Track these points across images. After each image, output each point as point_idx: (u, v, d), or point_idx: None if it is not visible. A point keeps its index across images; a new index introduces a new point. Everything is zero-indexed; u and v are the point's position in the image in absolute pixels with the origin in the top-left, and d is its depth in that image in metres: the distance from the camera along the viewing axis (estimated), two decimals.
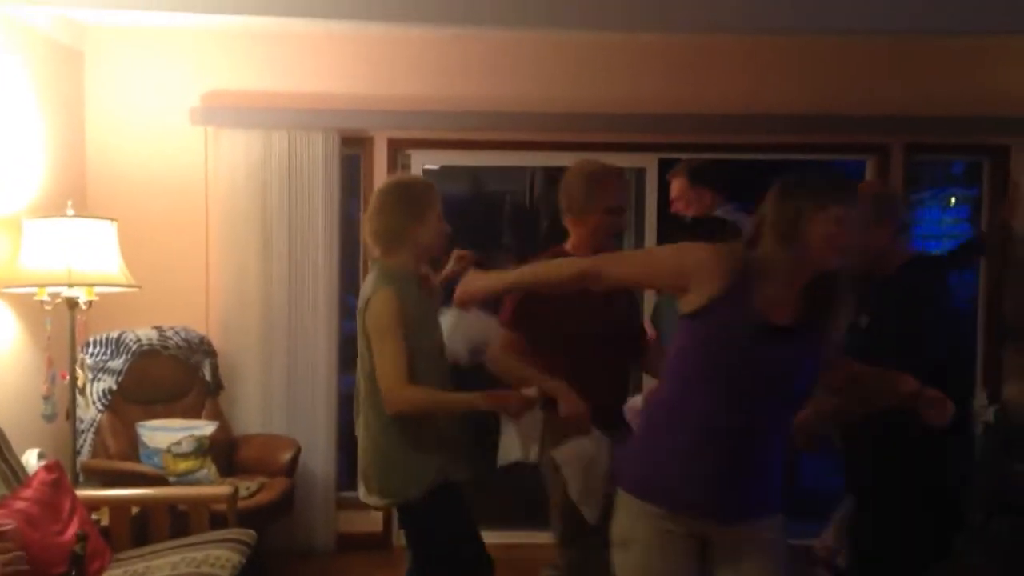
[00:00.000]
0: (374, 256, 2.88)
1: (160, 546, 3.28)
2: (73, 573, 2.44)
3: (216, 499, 3.50)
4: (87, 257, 3.63)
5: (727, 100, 4.71)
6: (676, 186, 4.03)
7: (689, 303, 2.17)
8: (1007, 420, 4.49)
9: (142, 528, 3.42)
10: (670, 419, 2.22)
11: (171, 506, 3.47)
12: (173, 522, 3.43)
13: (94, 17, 4.43)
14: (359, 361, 2.83)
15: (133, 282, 3.78)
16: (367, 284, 2.80)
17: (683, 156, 4.94)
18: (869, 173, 4.94)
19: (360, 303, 2.79)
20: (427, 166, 4.87)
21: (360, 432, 2.89)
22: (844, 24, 4.19)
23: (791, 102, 4.69)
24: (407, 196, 2.81)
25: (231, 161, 4.60)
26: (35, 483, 2.98)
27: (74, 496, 3.12)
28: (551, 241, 3.17)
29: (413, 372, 2.69)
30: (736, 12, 4.17)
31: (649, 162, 4.85)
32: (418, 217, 2.78)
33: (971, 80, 4.73)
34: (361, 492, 2.90)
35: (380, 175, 4.74)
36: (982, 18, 4.09)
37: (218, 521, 3.46)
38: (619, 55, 4.70)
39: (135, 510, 3.44)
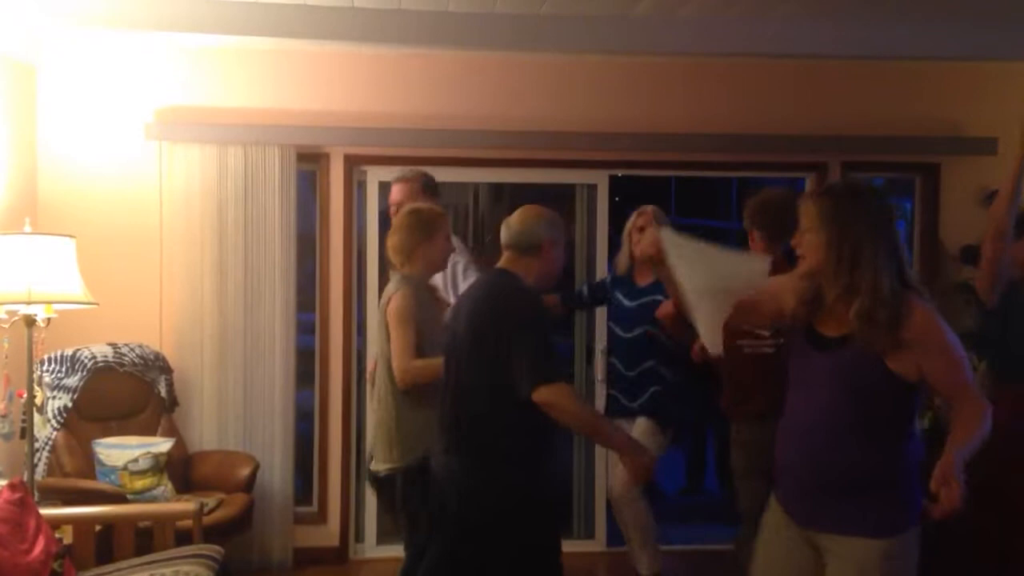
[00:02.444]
0: (394, 268, 3.42)
1: (126, 563, 3.25)
2: None
3: (182, 515, 3.49)
4: (46, 274, 3.57)
5: (674, 120, 4.87)
6: (404, 190, 3.93)
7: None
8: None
9: (104, 546, 3.39)
10: None
11: (133, 523, 3.45)
12: (135, 539, 3.41)
13: (47, 32, 4.38)
14: (380, 348, 3.37)
15: (93, 299, 3.74)
16: (389, 286, 3.38)
17: (632, 173, 5.14)
18: (809, 189, 5.15)
19: (383, 301, 3.36)
20: (383, 180, 4.90)
21: (374, 407, 3.45)
22: (787, 49, 4.42)
23: (737, 122, 4.88)
24: (419, 221, 3.37)
25: (186, 176, 4.58)
26: (0, 502, 2.95)
27: (38, 514, 3.08)
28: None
29: (421, 356, 3.22)
30: (684, 36, 4.35)
31: (600, 178, 4.99)
32: (428, 237, 3.36)
33: (905, 102, 4.99)
34: (369, 461, 3.41)
35: (336, 191, 4.77)
36: (918, 45, 4.37)
37: (180, 538, 3.45)
38: (571, 76, 4.82)
39: (98, 528, 3.41)
